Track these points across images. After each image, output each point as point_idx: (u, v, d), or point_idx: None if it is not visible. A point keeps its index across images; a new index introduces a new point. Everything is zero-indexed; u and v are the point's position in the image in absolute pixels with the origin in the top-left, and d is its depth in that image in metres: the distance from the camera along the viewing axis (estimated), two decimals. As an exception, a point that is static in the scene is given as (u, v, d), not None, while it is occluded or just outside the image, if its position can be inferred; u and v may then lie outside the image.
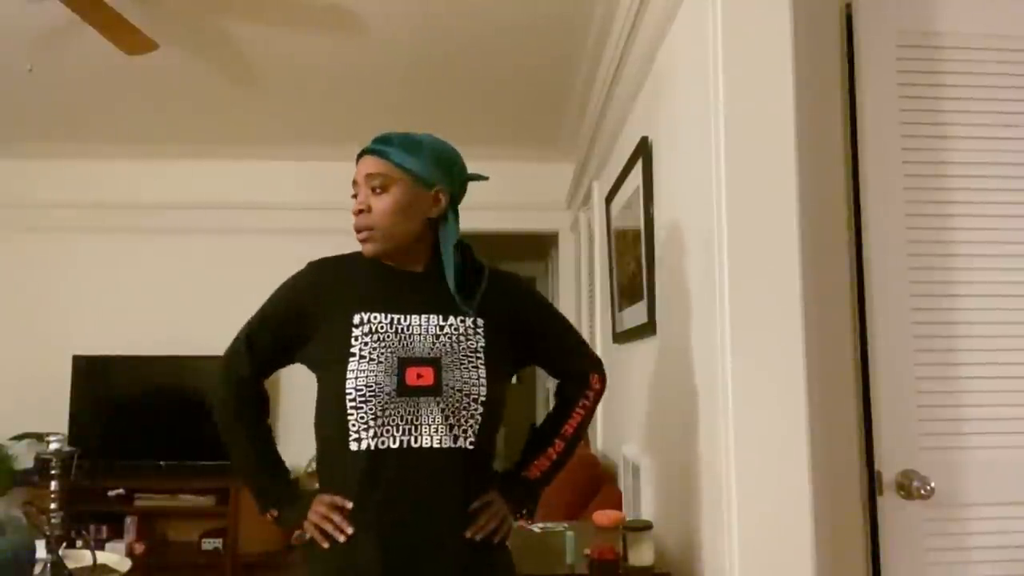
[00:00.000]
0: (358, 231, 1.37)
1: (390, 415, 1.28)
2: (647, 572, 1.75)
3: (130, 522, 4.08)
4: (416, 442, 1.28)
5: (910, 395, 1.62)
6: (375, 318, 1.34)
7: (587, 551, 1.74)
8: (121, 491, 4.09)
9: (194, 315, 4.51)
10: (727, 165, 1.56)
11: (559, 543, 1.91)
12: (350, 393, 1.28)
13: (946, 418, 1.62)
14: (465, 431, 1.31)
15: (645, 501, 2.25)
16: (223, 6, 2.84)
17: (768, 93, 1.57)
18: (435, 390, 1.30)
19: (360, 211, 1.36)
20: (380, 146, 1.37)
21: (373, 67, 3.39)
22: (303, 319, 1.39)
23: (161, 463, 4.24)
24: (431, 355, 1.32)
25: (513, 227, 4.66)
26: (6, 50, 3.19)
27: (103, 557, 1.77)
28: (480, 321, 1.38)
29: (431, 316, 1.36)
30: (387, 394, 1.28)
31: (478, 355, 1.35)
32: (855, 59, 1.70)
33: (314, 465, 1.45)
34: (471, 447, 1.31)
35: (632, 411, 2.74)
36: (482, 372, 1.33)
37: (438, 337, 1.34)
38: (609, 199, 3.11)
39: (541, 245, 6.14)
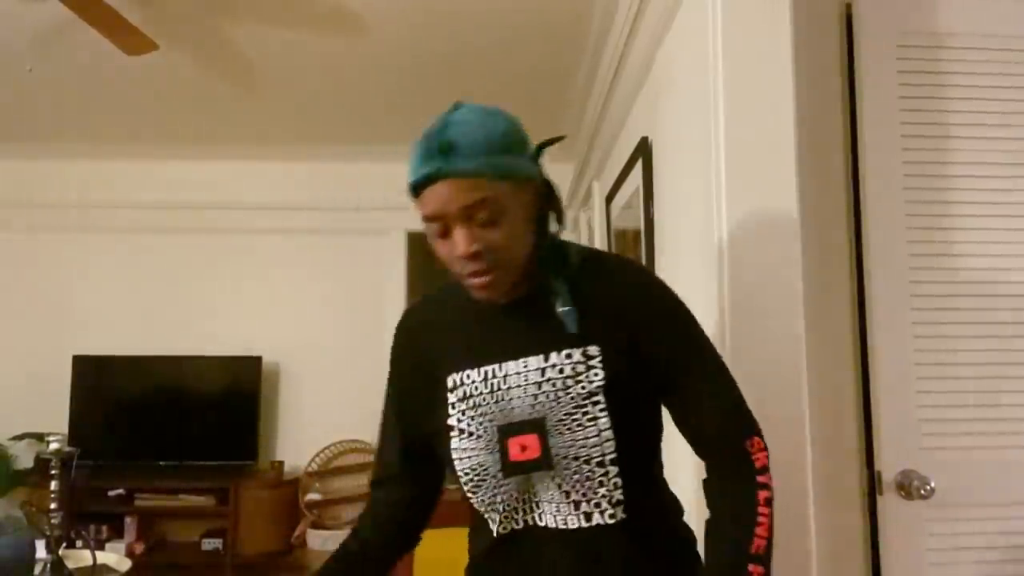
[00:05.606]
0: (474, 276, 1.01)
1: (506, 499, 1.05)
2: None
3: (130, 522, 4.08)
4: (542, 520, 1.05)
5: (910, 395, 1.62)
6: (468, 377, 1.07)
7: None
8: (121, 491, 4.09)
9: (194, 315, 4.51)
10: (727, 165, 1.56)
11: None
12: (461, 476, 1.07)
13: (946, 418, 1.62)
14: (599, 504, 1.02)
15: (645, 501, 2.24)
16: (223, 6, 2.84)
17: (768, 93, 1.57)
18: (543, 462, 1.02)
19: (472, 254, 0.99)
20: (466, 158, 0.97)
21: (373, 67, 3.39)
22: (417, 388, 1.14)
23: (161, 463, 4.24)
24: (532, 415, 1.03)
25: (513, 227, 4.66)
26: (6, 50, 3.19)
27: (103, 557, 1.77)
28: (594, 349, 1.04)
29: (528, 359, 1.04)
30: (493, 476, 1.04)
31: (595, 399, 1.02)
32: (855, 59, 1.70)
33: (315, 465, 1.41)
34: (612, 521, 1.03)
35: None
36: (603, 423, 1.01)
37: (540, 387, 1.03)
38: (609, 199, 3.11)
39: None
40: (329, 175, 4.60)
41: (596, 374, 1.02)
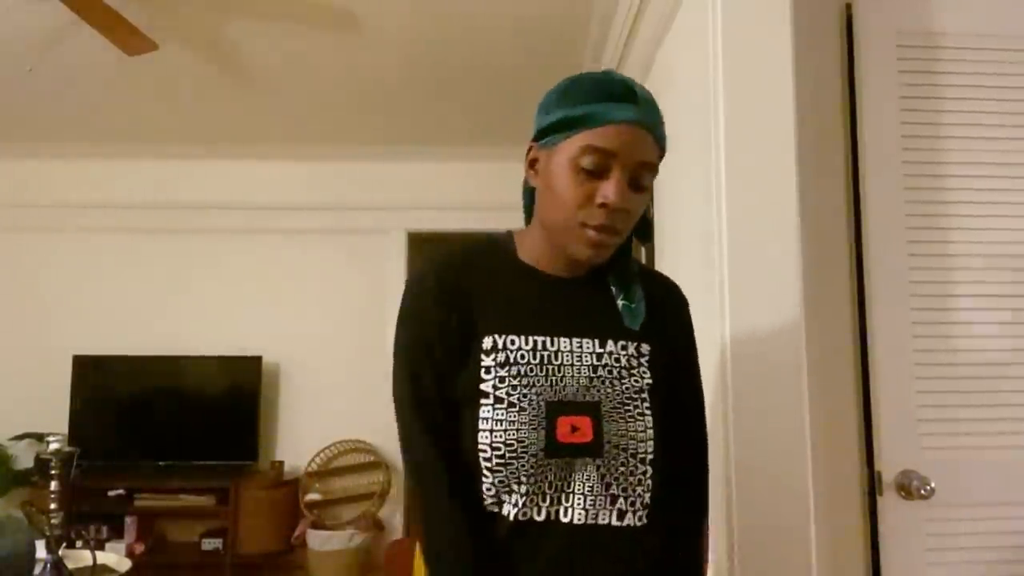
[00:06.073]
0: (599, 230, 0.97)
1: (539, 481, 0.98)
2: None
3: (130, 522, 4.08)
4: (566, 515, 0.99)
5: (910, 395, 1.62)
6: (512, 343, 1.00)
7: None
8: (121, 491, 4.09)
9: (194, 315, 4.51)
10: (727, 165, 1.56)
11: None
12: (484, 451, 0.98)
13: (946, 418, 1.62)
14: (633, 503, 1.00)
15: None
16: (223, 6, 2.84)
17: (768, 93, 1.57)
18: (593, 449, 0.98)
19: (619, 208, 0.96)
20: (657, 120, 0.98)
21: (372, 67, 3.39)
22: (455, 339, 1.02)
23: (161, 463, 4.24)
24: (588, 398, 0.99)
25: (513, 227, 4.65)
26: (6, 50, 3.19)
27: (103, 557, 1.77)
28: (645, 347, 1.04)
29: (585, 340, 1.02)
30: (533, 455, 0.97)
31: (643, 397, 1.01)
32: (855, 59, 1.70)
33: (315, 465, 1.36)
34: (640, 524, 1.00)
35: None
36: (649, 421, 1.01)
37: (595, 371, 1.01)
38: (609, 199, 3.11)
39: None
40: (329, 175, 4.60)
41: (644, 372, 1.03)
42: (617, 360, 1.02)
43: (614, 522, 0.99)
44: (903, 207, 1.66)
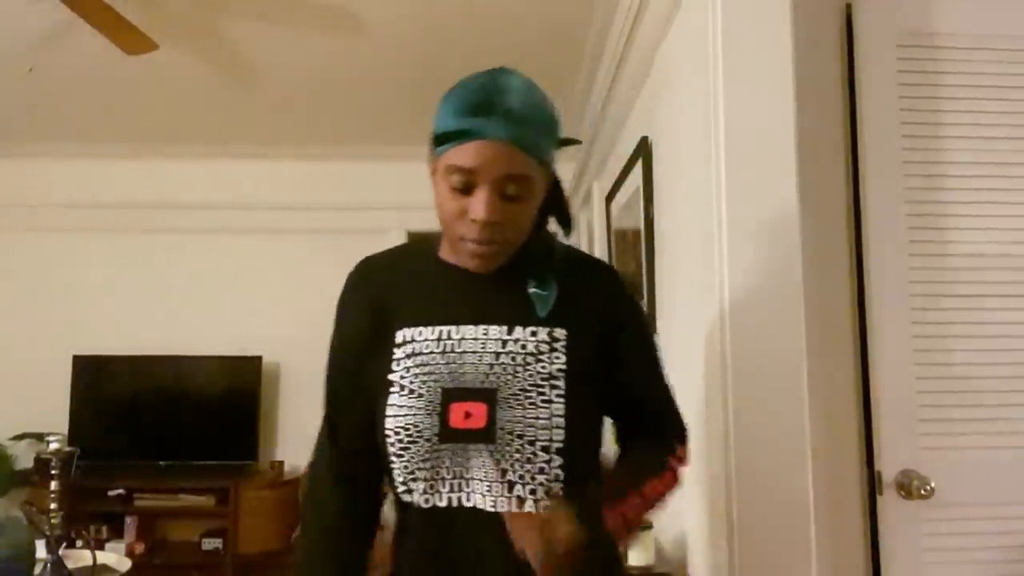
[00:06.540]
0: (478, 243, 0.99)
1: (436, 467, 1.00)
2: (647, 572, 1.75)
3: (130, 522, 4.08)
4: (468, 500, 0.99)
5: (910, 395, 1.62)
6: (420, 334, 1.04)
7: (587, 551, 1.73)
8: (121, 491, 4.09)
9: (194, 315, 4.51)
10: (727, 165, 1.56)
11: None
12: (389, 436, 1.01)
13: (946, 418, 1.62)
14: (534, 491, 0.98)
15: (645, 501, 2.24)
16: (223, 6, 2.84)
17: (768, 93, 1.57)
18: (486, 435, 0.98)
19: (490, 222, 0.97)
20: (521, 130, 0.97)
21: (373, 67, 3.39)
22: (370, 339, 1.08)
23: (161, 463, 4.24)
24: (486, 385, 1.00)
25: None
26: (6, 50, 3.19)
27: (103, 557, 1.77)
28: (560, 332, 1.03)
29: (491, 327, 1.02)
30: (427, 440, 0.99)
31: (554, 383, 1.00)
32: (855, 59, 1.70)
33: None
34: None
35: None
36: (557, 408, 0.99)
37: (497, 357, 1.01)
38: (609, 199, 3.11)
39: (541, 245, 6.13)
40: (329, 175, 4.59)
41: (558, 357, 1.01)
42: (523, 347, 1.01)
43: (514, 509, 0.98)
44: (903, 207, 1.66)
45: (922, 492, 1.55)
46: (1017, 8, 1.72)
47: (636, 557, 1.75)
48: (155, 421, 4.32)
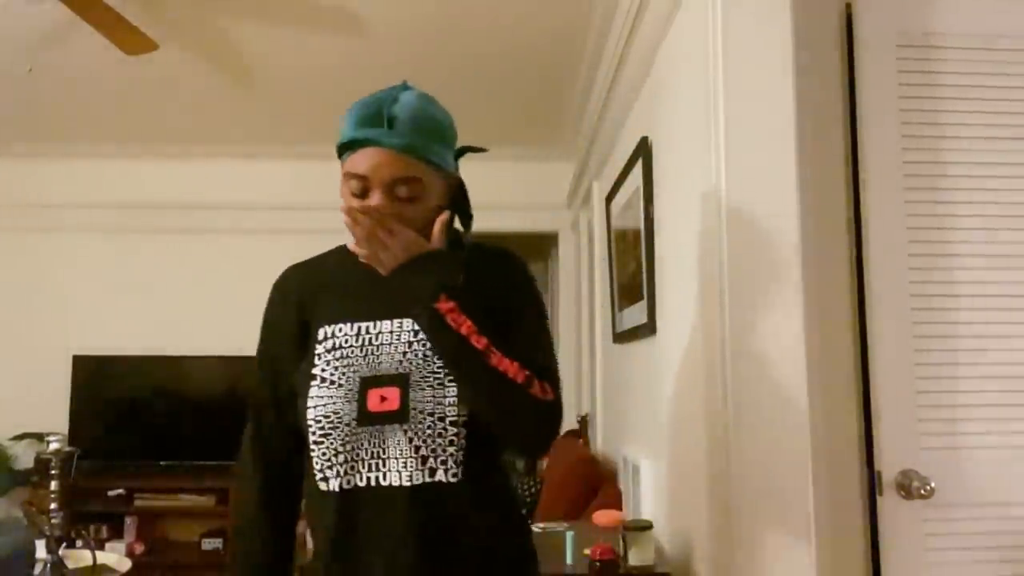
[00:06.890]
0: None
1: (355, 449, 1.09)
2: (647, 572, 1.75)
3: (130, 522, 4.08)
4: (385, 479, 1.08)
5: (910, 395, 1.62)
6: (340, 330, 1.14)
7: (587, 551, 1.74)
8: (121, 491, 4.09)
9: (194, 315, 4.51)
10: (727, 165, 1.56)
11: (559, 543, 1.91)
12: (311, 425, 1.10)
13: (946, 418, 1.62)
14: (444, 462, 1.08)
15: (645, 501, 2.25)
16: (223, 6, 2.84)
17: (768, 93, 1.57)
18: (400, 415, 1.08)
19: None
20: (410, 137, 1.08)
21: (373, 67, 3.39)
22: (293, 339, 1.19)
23: (161, 463, 4.24)
24: (398, 371, 1.10)
25: (513, 227, 4.66)
26: (6, 50, 3.19)
27: (103, 557, 1.77)
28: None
29: (404, 321, 1.12)
30: (347, 424, 1.09)
31: None
32: (855, 59, 1.70)
33: None
34: (454, 480, 1.08)
35: (632, 411, 2.74)
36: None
37: (410, 346, 1.11)
38: (609, 199, 3.11)
39: (541, 245, 6.14)
40: (329, 175, 4.57)
41: None
42: None
43: (427, 479, 1.08)
44: (903, 207, 1.66)
45: (922, 492, 1.55)
46: (1017, 8, 1.72)
47: (636, 557, 1.75)
48: (155, 421, 4.33)
